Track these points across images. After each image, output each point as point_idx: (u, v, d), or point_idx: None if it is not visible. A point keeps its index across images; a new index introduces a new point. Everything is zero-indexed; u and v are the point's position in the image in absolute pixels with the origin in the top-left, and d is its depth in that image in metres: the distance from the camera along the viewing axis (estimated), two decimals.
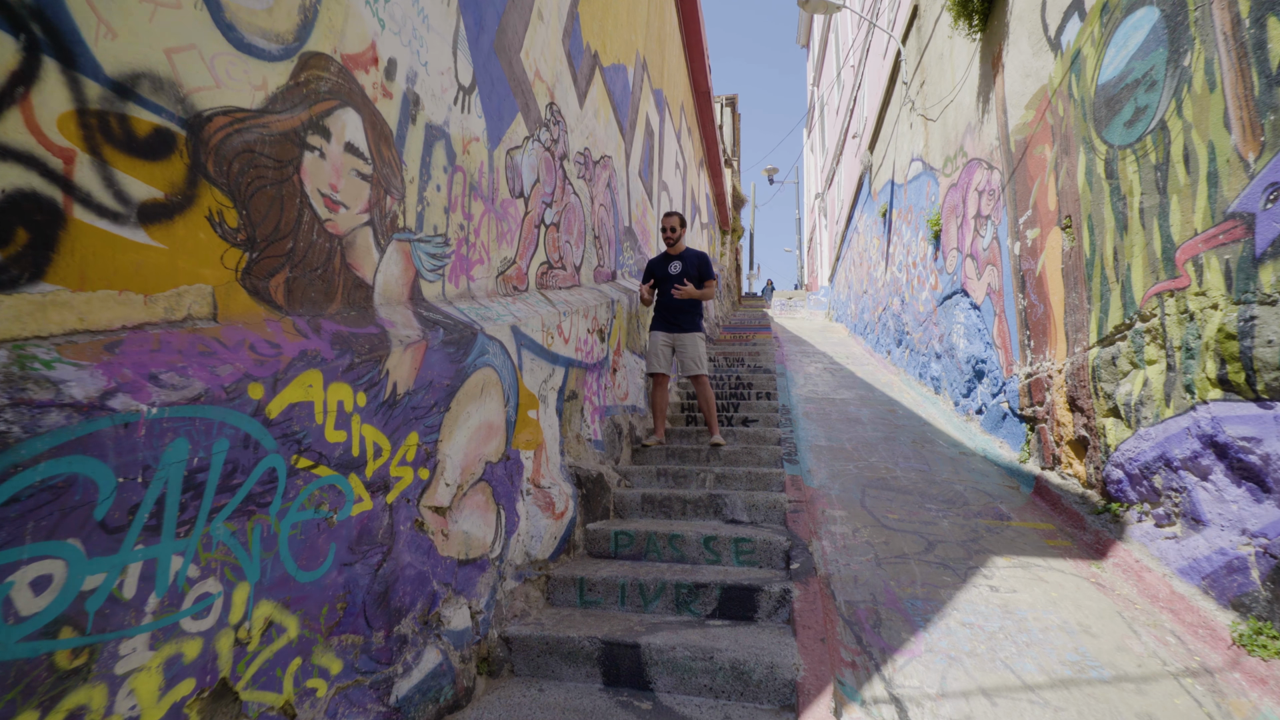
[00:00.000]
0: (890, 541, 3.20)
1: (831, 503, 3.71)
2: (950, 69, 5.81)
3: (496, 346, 2.52)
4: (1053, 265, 3.74)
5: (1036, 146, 3.97)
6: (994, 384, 4.65)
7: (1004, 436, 4.47)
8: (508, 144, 3.18)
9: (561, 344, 3.38)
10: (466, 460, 2.24)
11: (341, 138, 1.91)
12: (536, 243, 3.55)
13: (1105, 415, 3.12)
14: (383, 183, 2.11)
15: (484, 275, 2.86)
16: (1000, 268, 4.56)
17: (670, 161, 8.69)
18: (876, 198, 9.63)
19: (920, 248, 6.85)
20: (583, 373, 3.75)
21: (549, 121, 3.80)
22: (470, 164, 2.77)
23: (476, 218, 2.81)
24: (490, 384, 2.46)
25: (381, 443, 1.74)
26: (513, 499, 2.59)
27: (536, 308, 3.12)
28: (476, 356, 2.35)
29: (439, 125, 2.50)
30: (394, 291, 2.17)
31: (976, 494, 3.87)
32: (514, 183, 3.24)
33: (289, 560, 1.36)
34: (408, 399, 1.89)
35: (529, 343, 2.90)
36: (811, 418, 5.73)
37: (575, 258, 4.25)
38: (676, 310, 4.60)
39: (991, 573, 2.86)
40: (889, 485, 4.02)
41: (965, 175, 5.32)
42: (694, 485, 3.95)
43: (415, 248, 2.31)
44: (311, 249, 1.78)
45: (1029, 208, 4.07)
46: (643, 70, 6.72)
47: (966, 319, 5.27)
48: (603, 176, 5.02)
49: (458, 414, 2.20)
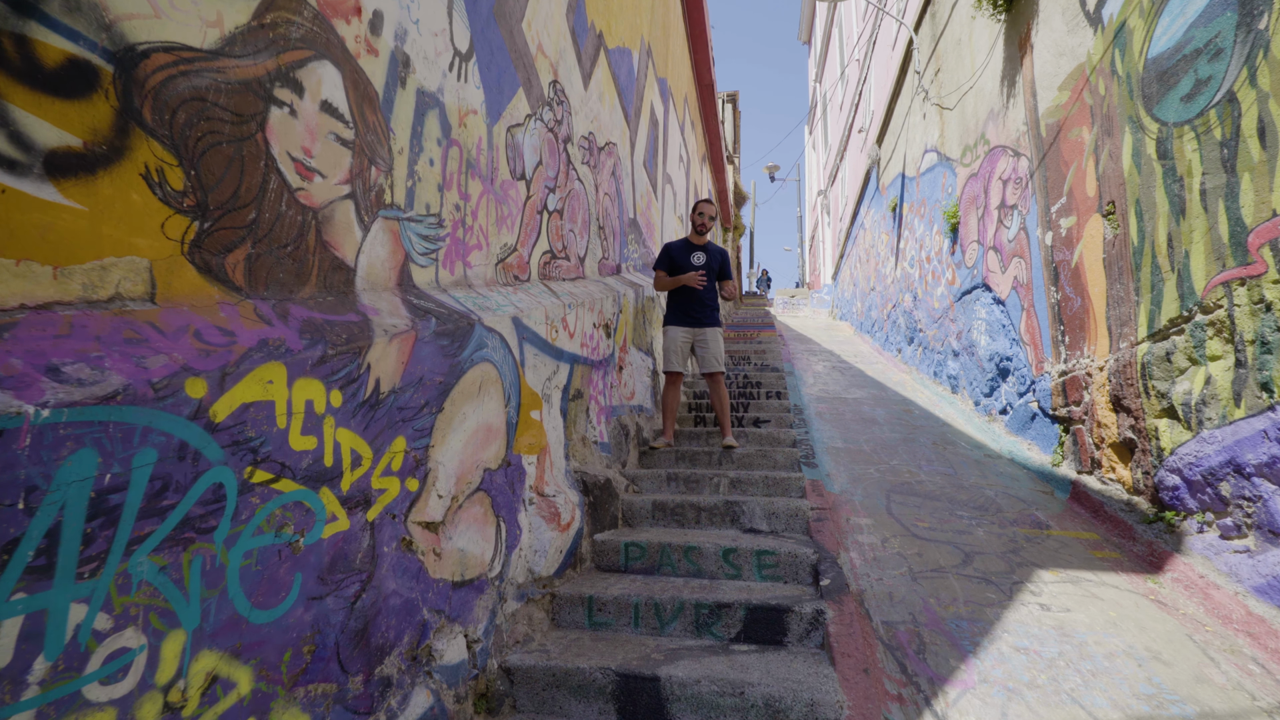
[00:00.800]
0: (923, 553, 2.94)
1: (856, 510, 3.45)
2: (969, 54, 5.56)
3: (496, 339, 2.26)
4: (1092, 255, 3.48)
5: (1072, 129, 3.72)
6: (1021, 383, 4.40)
7: (1033, 438, 4.22)
8: (508, 120, 2.92)
9: (566, 339, 3.12)
10: (462, 468, 1.98)
11: (317, 95, 1.65)
12: (539, 230, 3.28)
13: (1158, 416, 2.87)
14: (366, 151, 1.85)
15: (482, 262, 2.60)
16: (1028, 260, 4.31)
17: (674, 154, 8.42)
18: (885, 192, 9.38)
19: (935, 241, 6.59)
20: (588, 370, 3.48)
21: (552, 101, 3.54)
22: (467, 139, 2.50)
23: (474, 198, 2.55)
24: (489, 381, 2.19)
25: (361, 450, 1.48)
26: (514, 510, 2.32)
27: (539, 299, 2.86)
28: (474, 350, 2.08)
29: (432, 92, 2.24)
30: (380, 275, 1.91)
31: (1009, 500, 3.61)
32: (515, 163, 2.98)
33: (240, 598, 1.10)
34: (393, 398, 1.62)
35: (532, 336, 2.64)
36: (825, 418, 5.47)
37: (579, 248, 3.99)
38: (699, 303, 4.32)
39: (1039, 588, 2.60)
40: (914, 490, 3.76)
41: (987, 164, 5.07)
42: (707, 490, 3.69)
43: (405, 227, 2.05)
44: (279, 222, 1.51)
45: (1063, 195, 3.82)
46: (648, 57, 6.46)
47: (989, 314, 5.02)
48: (608, 164, 4.76)
49: (452, 415, 1.93)
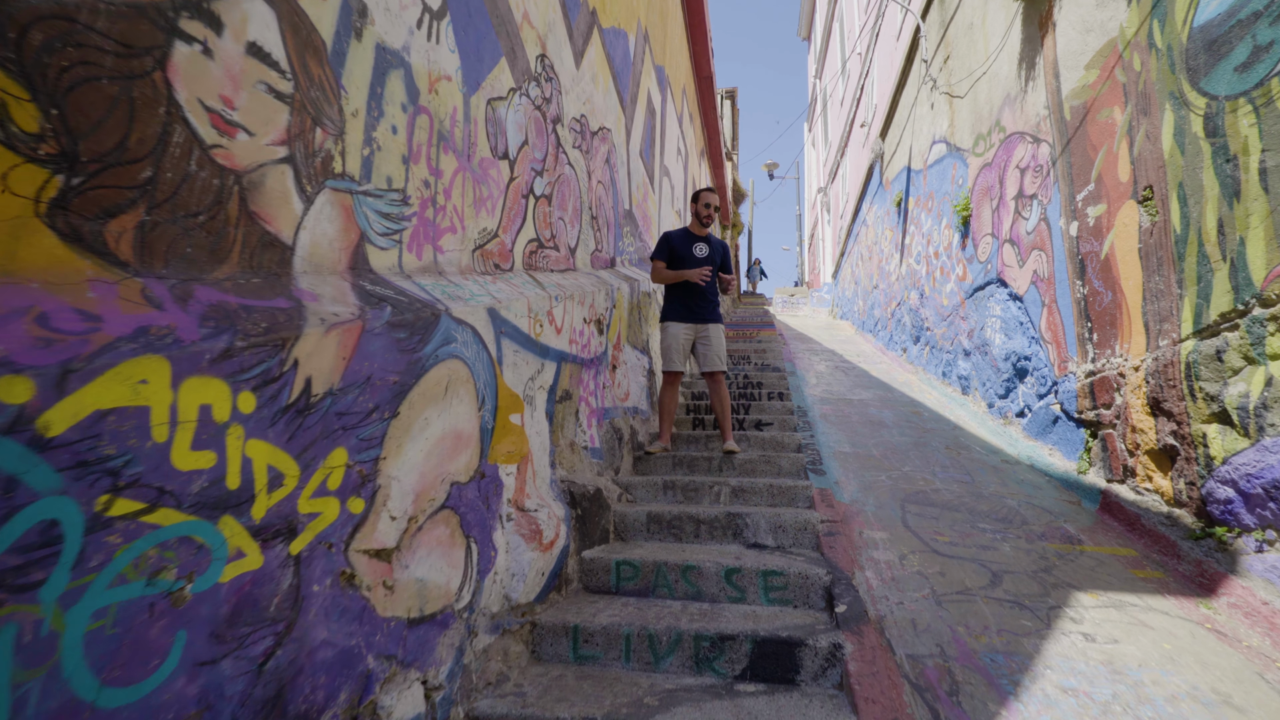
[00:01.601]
0: (946, 572, 2.66)
1: (869, 522, 3.17)
2: (982, 38, 5.29)
3: (467, 333, 1.97)
4: (1125, 245, 3.21)
5: (1101, 110, 3.44)
6: (1041, 384, 4.13)
7: (1055, 443, 3.95)
8: (489, 92, 2.63)
9: (553, 334, 2.83)
10: (423, 482, 1.69)
11: (241, 34, 1.36)
12: (524, 215, 3.00)
13: (1206, 421, 2.60)
14: (309, 108, 1.56)
15: (456, 247, 2.31)
16: (1050, 252, 4.03)
17: (672, 146, 8.14)
18: (889, 187, 9.11)
19: (944, 236, 6.32)
20: (578, 369, 3.20)
21: (540, 76, 3.25)
22: (439, 107, 2.22)
23: (447, 175, 2.26)
24: (458, 381, 1.91)
25: (284, 466, 1.19)
26: (488, 528, 2.03)
27: (522, 289, 2.57)
28: (439, 345, 1.79)
29: (395, 50, 1.95)
30: (326, 256, 1.62)
31: (1034, 510, 3.34)
32: (496, 140, 2.70)
33: (83, 675, 0.81)
34: (330, 401, 1.34)
35: (511, 330, 2.35)
36: (830, 420, 5.20)
37: (570, 238, 3.70)
38: (701, 298, 4.05)
39: (1080, 614, 2.33)
40: (931, 500, 3.48)
41: (1003, 152, 4.80)
42: (707, 500, 3.41)
43: (360, 202, 1.76)
44: (187, 184, 1.23)
45: (1090, 181, 3.55)
46: (644, 42, 6.17)
47: (1004, 311, 4.75)
48: (601, 150, 4.47)
49: (410, 420, 1.64)
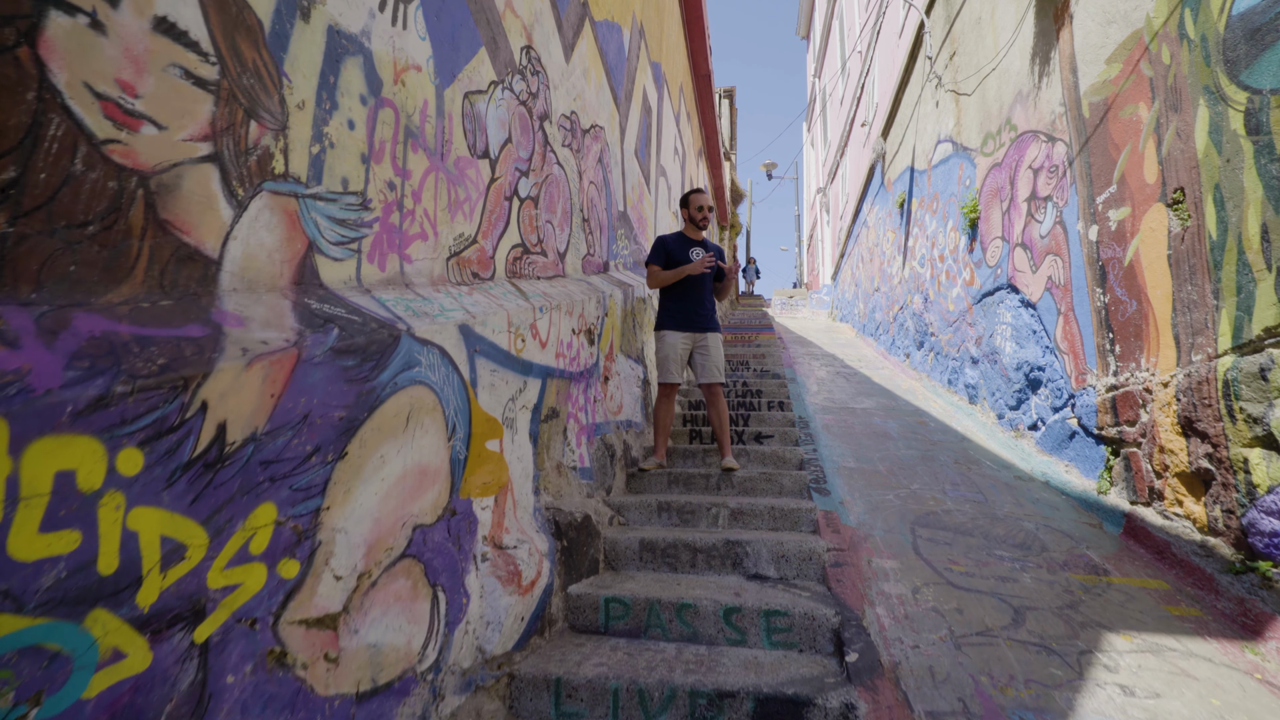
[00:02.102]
0: (964, 608, 2.45)
1: (878, 549, 2.96)
2: (991, 33, 5.08)
3: (434, 355, 1.75)
4: (1152, 252, 3.00)
5: (1124, 107, 3.23)
6: (1057, 396, 3.92)
7: (1071, 459, 3.74)
8: (466, 85, 2.41)
9: (537, 349, 2.61)
10: (378, 530, 1.47)
11: (147, 7, 1.14)
12: (507, 219, 2.78)
13: (1247, 445, 2.39)
14: (241, 98, 1.34)
15: (427, 255, 2.09)
16: (1066, 257, 3.82)
17: (669, 146, 7.92)
18: (891, 188, 8.90)
19: (950, 239, 6.12)
20: (566, 384, 2.98)
21: (525, 69, 3.03)
22: (407, 100, 1.99)
23: (416, 176, 2.04)
24: (423, 410, 1.68)
25: (185, 534, 0.97)
26: (459, 573, 1.81)
27: (501, 301, 2.35)
28: (399, 371, 1.57)
29: (352, 34, 1.73)
30: (263, 270, 1.39)
31: (1052, 535, 3.13)
32: (475, 137, 2.47)
33: None
34: (253, 449, 1.12)
35: (488, 348, 2.13)
36: (832, 431, 4.98)
37: (559, 242, 3.48)
38: (700, 305, 3.85)
39: (1114, 661, 2.11)
40: (942, 522, 3.27)
41: (1014, 152, 4.59)
42: (704, 523, 3.19)
43: (307, 207, 1.54)
44: (69, 187, 1.00)
45: (1112, 183, 3.34)
46: (640, 37, 5.95)
47: (1015, 319, 4.54)
48: (593, 149, 4.25)
49: (362, 460, 1.42)
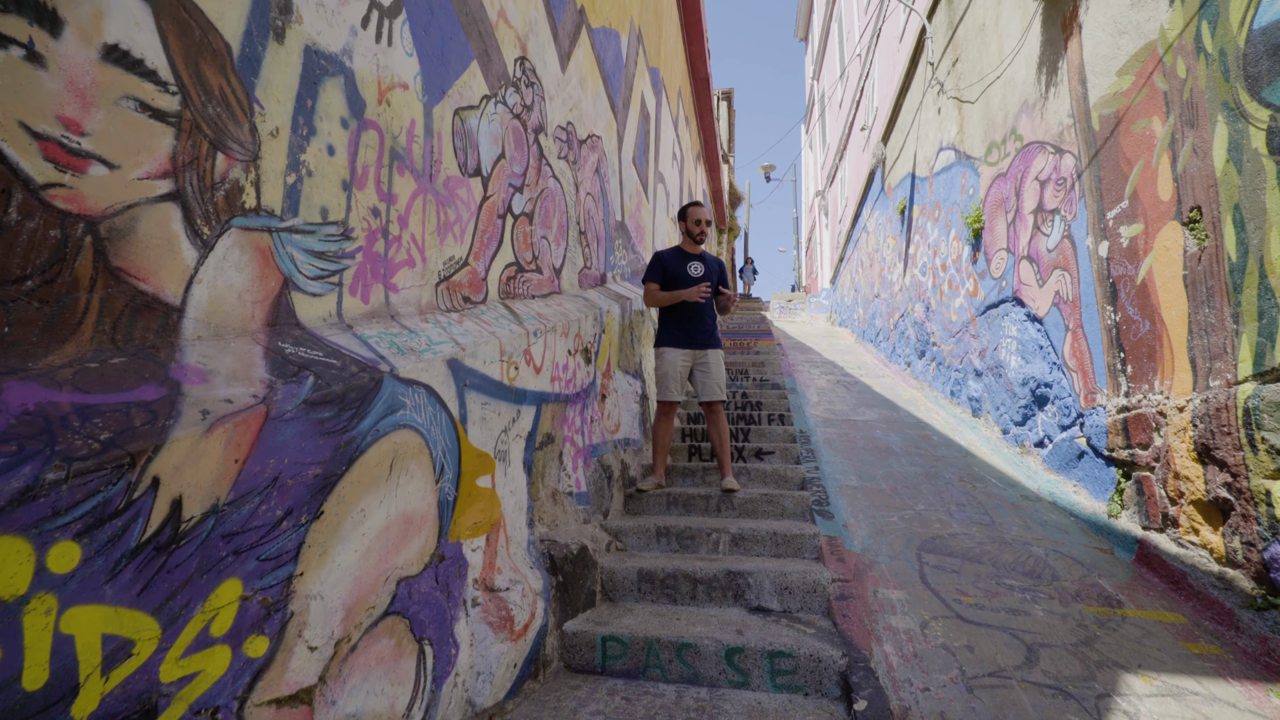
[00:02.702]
0: (975, 645, 2.36)
1: (884, 577, 2.86)
2: (995, 40, 4.99)
3: (420, 395, 1.65)
4: (1166, 271, 2.91)
5: (1136, 120, 3.14)
6: (1064, 414, 3.83)
7: (1080, 479, 3.65)
8: (456, 101, 2.31)
9: (531, 375, 2.51)
10: (359, 590, 1.37)
11: (94, 34, 1.04)
12: (500, 237, 2.68)
13: (1270, 476, 2.30)
14: (206, 129, 1.24)
15: (414, 283, 1.99)
16: (1075, 273, 3.73)
17: (667, 151, 7.83)
18: (891, 193, 8.81)
19: (953, 248, 6.03)
20: (561, 408, 2.88)
21: (519, 81, 2.93)
22: (392, 121, 1.89)
23: (403, 200, 1.94)
24: (409, 454, 1.58)
25: (133, 628, 0.87)
26: (448, 622, 1.71)
27: (494, 328, 2.25)
28: (381, 417, 1.47)
29: (332, 54, 1.62)
30: (233, 314, 1.29)
31: (1063, 561, 3.03)
32: (466, 155, 2.37)
33: None
34: (214, 523, 1.02)
35: (480, 381, 2.03)
36: (834, 446, 4.89)
37: (554, 258, 3.38)
38: (700, 321, 3.77)
39: (1134, 707, 2.02)
40: (949, 547, 3.18)
41: (1020, 162, 4.50)
42: (704, 549, 3.09)
43: (282, 242, 1.44)
44: (2, 239, 0.90)
45: (1123, 198, 3.25)
46: (638, 43, 5.86)
47: (1021, 333, 4.45)
48: (590, 159, 4.16)
49: (340, 518, 1.32)
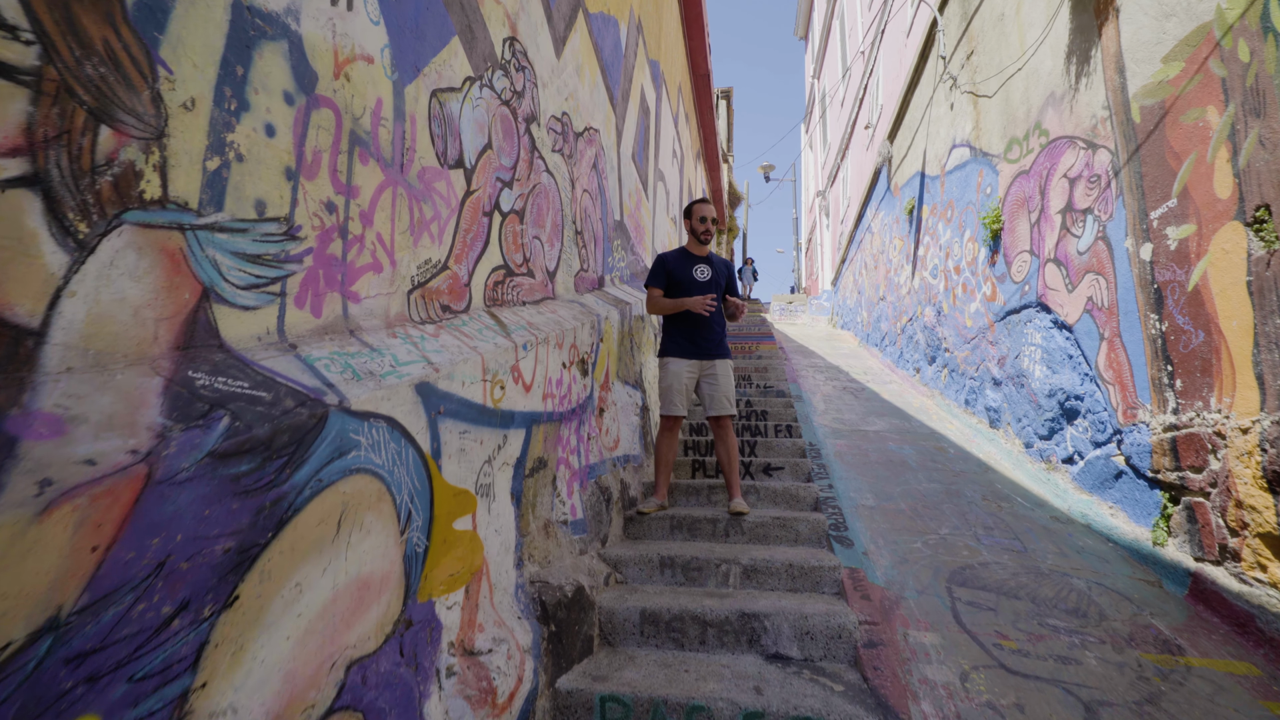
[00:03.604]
0: (1024, 702, 2.07)
1: (913, 616, 2.57)
2: (1016, 30, 4.71)
3: (381, 430, 1.35)
4: (1225, 277, 2.63)
5: (1187, 111, 2.86)
6: (1098, 429, 3.55)
7: (1117, 501, 3.37)
8: (434, 81, 2.01)
9: (520, 393, 2.22)
10: (293, 687, 1.07)
11: None
12: (486, 237, 2.38)
13: None
14: (83, 94, 0.94)
15: (380, 290, 1.69)
16: (1111, 277, 3.45)
17: (667, 148, 7.53)
18: (899, 193, 8.54)
19: (967, 250, 5.75)
20: (555, 427, 2.58)
21: (508, 64, 2.63)
22: (353, 100, 1.60)
23: (367, 193, 1.65)
24: (364, 505, 1.29)
25: None
26: (414, 702, 1.41)
27: (476, 341, 1.95)
28: (326, 462, 1.17)
29: (272, 13, 1.33)
30: (125, 336, 1.00)
31: (1108, 596, 2.75)
32: (446, 143, 2.08)
33: None
34: (51, 645, 0.71)
35: (457, 406, 1.73)
36: (846, 460, 4.60)
37: (548, 260, 3.09)
38: (707, 329, 3.48)
39: None
40: (981, 579, 2.89)
41: (1045, 159, 4.22)
42: (713, 582, 2.80)
43: (200, 243, 1.14)
44: None
45: (1171, 196, 2.97)
46: (638, 33, 5.57)
47: (1047, 341, 4.17)
48: (588, 154, 3.86)
49: (265, 600, 1.03)
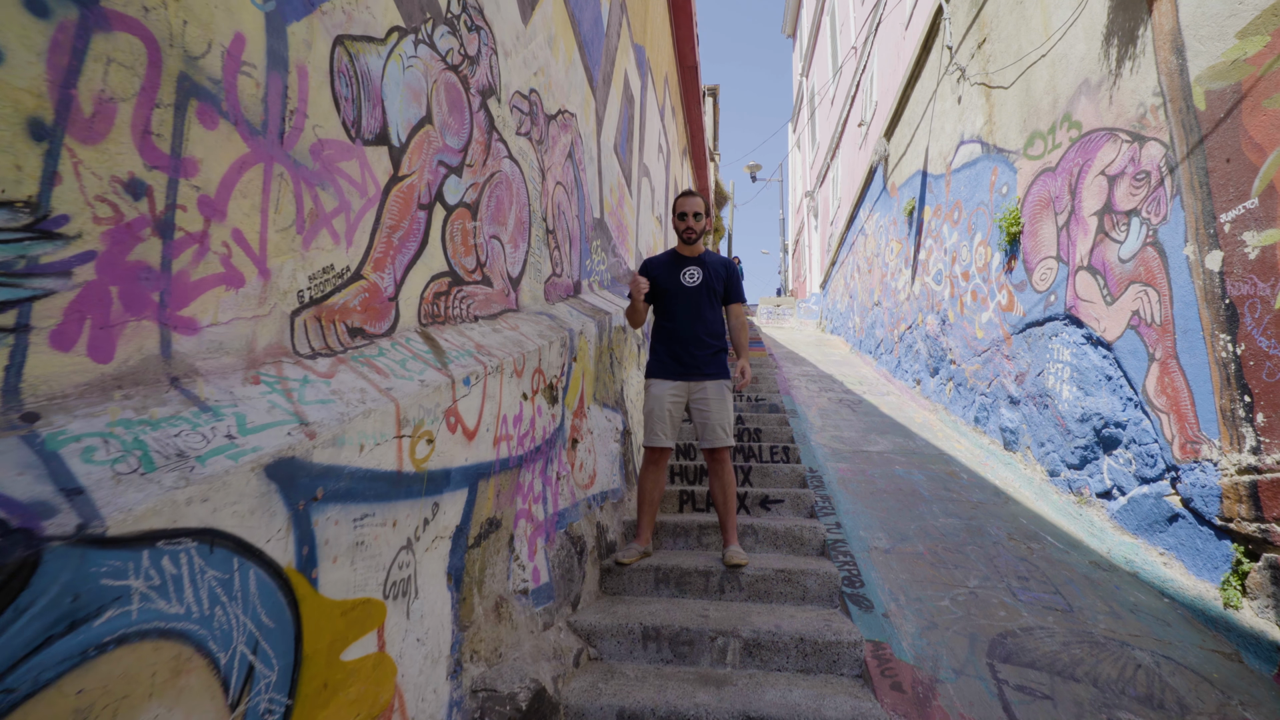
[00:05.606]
0: None
1: (953, 710, 2.08)
2: (1039, 13, 4.26)
3: (189, 557, 0.80)
4: None
5: (1271, 95, 2.41)
6: (1146, 463, 3.10)
7: (1170, 548, 2.92)
8: (340, 24, 1.48)
9: (459, 444, 1.69)
10: None
11: None
12: (424, 237, 1.85)
13: None
14: None
15: (240, 313, 1.16)
16: (1165, 289, 3.00)
17: (653, 142, 7.01)
18: (896, 193, 8.10)
19: (978, 255, 5.30)
20: (513, 476, 2.05)
21: (456, 20, 2.10)
22: (187, 30, 1.06)
23: (214, 170, 1.11)
24: (140, 688, 0.75)
25: None
26: None
27: (392, 380, 1.42)
28: (33, 649, 0.64)
29: None
30: None
31: (1182, 676, 2.28)
32: (361, 112, 1.54)
33: None
34: None
35: (349, 484, 1.20)
36: (851, 488, 4.12)
37: (510, 264, 2.56)
38: (694, 342, 2.94)
39: None
40: (1027, 652, 2.41)
41: (1077, 154, 3.77)
42: (707, 659, 2.29)
43: None
44: None
45: (1249, 196, 2.52)
46: (622, 12, 5.04)
47: (1079, 358, 3.72)
48: (562, 140, 3.33)
49: None
